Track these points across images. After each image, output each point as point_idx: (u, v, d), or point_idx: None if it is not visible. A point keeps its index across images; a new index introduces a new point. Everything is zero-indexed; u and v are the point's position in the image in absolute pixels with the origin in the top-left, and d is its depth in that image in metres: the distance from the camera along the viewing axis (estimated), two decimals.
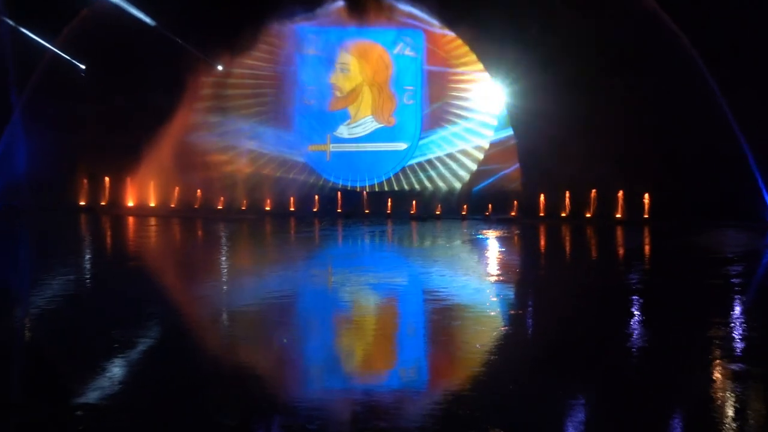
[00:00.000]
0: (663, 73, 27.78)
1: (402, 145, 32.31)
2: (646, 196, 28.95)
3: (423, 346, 10.28)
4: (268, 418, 7.32)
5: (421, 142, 32.20)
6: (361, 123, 32.53)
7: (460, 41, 31.25)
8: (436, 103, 31.99)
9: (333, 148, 32.38)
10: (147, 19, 29.16)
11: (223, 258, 19.47)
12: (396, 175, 32.14)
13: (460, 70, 31.67)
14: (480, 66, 31.11)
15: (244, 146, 31.30)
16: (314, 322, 11.63)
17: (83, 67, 31.42)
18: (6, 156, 30.86)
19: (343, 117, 32.53)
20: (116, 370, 8.60)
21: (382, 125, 32.49)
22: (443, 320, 11.57)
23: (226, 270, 17.22)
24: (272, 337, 10.48)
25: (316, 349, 9.94)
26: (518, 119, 30.82)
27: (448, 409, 7.56)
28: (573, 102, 28.00)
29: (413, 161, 32.17)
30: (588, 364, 9.20)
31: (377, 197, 31.07)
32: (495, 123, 31.71)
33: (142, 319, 11.17)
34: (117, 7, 28.82)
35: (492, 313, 12.20)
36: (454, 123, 32.08)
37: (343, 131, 32.47)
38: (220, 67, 31.32)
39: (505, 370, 8.92)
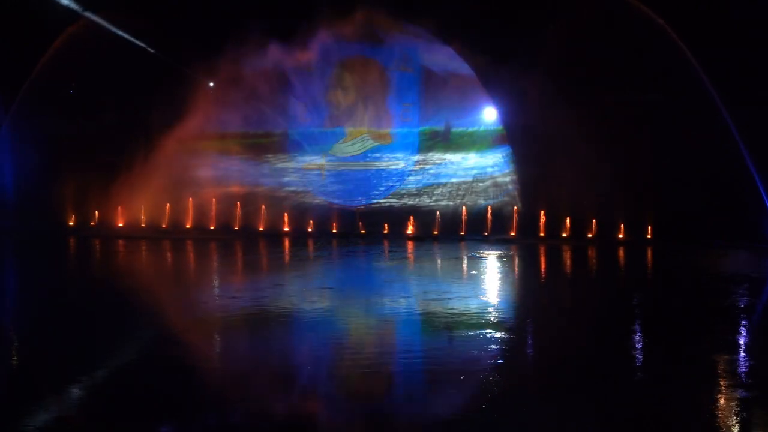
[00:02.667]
0: (666, 90, 27.17)
1: (399, 164, 31.59)
2: (649, 216, 28.18)
3: None
4: None
5: (418, 160, 31.49)
6: (357, 141, 31.82)
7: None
8: (434, 120, 31.29)
9: (328, 166, 31.67)
10: (134, 39, 28.73)
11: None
12: (393, 194, 31.35)
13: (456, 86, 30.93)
14: (477, 83, 30.41)
15: (237, 165, 30.57)
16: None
17: (71, 88, 30.88)
18: None
19: (338, 135, 31.84)
20: None
21: (378, 143, 31.77)
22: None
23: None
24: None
25: None
26: (517, 137, 30.13)
27: None
28: (573, 120, 27.32)
29: (410, 180, 31.40)
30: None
31: (373, 217, 30.26)
32: (493, 141, 30.99)
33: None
34: (104, 25, 28.37)
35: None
36: (452, 141, 31.36)
37: (338, 149, 31.76)
38: (211, 84, 30.75)
39: None
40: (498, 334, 11.91)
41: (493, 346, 11.23)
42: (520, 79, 28.56)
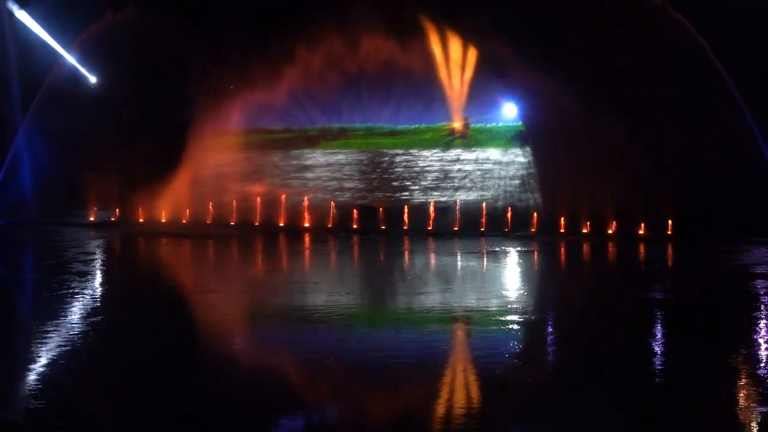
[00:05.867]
0: (687, 87, 27.39)
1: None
2: (669, 212, 28.32)
3: None
4: None
5: (442, 157, 31.67)
6: None
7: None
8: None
9: None
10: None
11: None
12: (412, 190, 31.49)
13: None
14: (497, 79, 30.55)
15: (259, 161, 30.69)
16: None
17: (93, 80, 30.90)
18: (12, 170, 30.30)
19: None
20: None
21: None
22: None
23: None
24: None
25: None
26: (536, 133, 30.29)
27: None
28: (594, 115, 27.59)
29: (432, 176, 31.56)
30: None
31: (393, 213, 30.35)
32: (512, 137, 31.19)
33: None
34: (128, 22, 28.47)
35: None
36: (470, 137, 31.54)
37: None
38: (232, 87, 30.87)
39: None
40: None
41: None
42: (540, 75, 28.78)
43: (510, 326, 13.02)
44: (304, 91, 31.22)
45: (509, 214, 29.44)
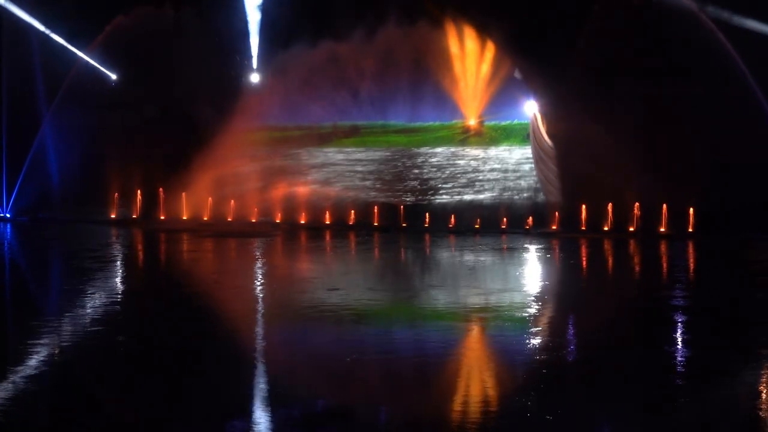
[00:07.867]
0: (709, 82, 27.31)
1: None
2: (691, 209, 28.33)
3: None
4: None
5: (458, 154, 31.69)
6: None
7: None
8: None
9: None
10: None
11: None
12: (431, 188, 31.55)
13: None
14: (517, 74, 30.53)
15: (279, 160, 30.80)
16: None
17: (114, 76, 31.01)
18: (35, 167, 30.47)
19: None
20: None
21: None
22: None
23: None
24: None
25: None
26: (558, 130, 30.25)
27: None
28: (615, 111, 27.57)
29: (449, 173, 31.60)
30: None
31: (414, 210, 30.44)
32: (528, 135, 31.21)
33: None
34: (151, 16, 28.57)
35: None
36: (485, 134, 31.57)
37: None
38: (254, 79, 30.87)
39: None
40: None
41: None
42: (560, 72, 28.75)
43: (537, 323, 13.05)
44: (318, 89, 31.23)
45: (530, 212, 29.56)
